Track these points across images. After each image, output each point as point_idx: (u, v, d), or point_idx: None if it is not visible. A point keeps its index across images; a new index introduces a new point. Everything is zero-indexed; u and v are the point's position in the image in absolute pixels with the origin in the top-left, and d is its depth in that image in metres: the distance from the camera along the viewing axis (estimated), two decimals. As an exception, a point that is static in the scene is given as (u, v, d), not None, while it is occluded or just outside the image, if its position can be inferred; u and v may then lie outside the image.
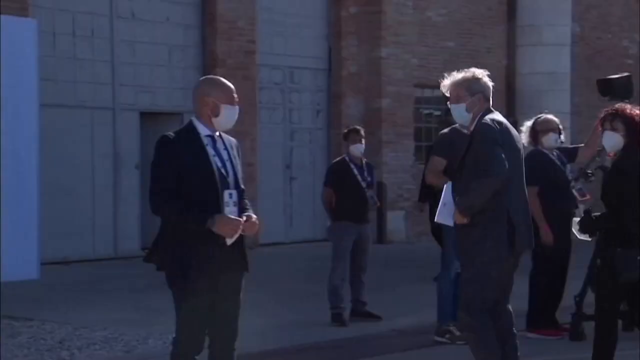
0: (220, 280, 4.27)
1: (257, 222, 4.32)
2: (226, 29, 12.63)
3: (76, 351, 6.51)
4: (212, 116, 4.34)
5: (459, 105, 4.99)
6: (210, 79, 4.58)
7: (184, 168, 4.21)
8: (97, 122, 11.80)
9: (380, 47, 14.05)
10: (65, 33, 11.40)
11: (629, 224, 4.98)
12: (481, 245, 4.82)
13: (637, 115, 5.13)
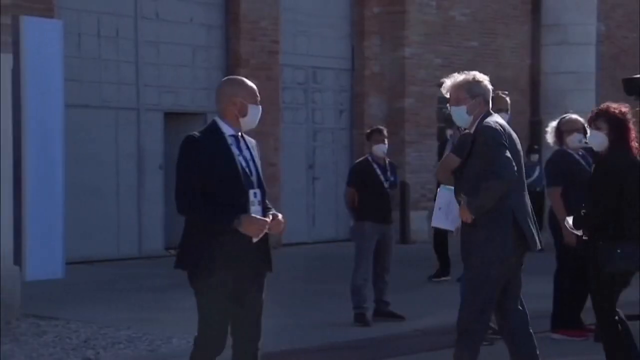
0: (245, 279, 4.32)
1: (283, 221, 4.37)
2: (249, 29, 12.67)
3: (101, 350, 6.56)
4: (239, 116, 4.40)
5: (459, 107, 4.99)
6: (235, 79, 4.63)
7: (210, 168, 4.25)
8: (121, 122, 11.88)
9: (404, 47, 14.03)
10: (90, 34, 11.49)
11: (611, 218, 5.12)
12: (484, 246, 4.84)
13: (621, 112, 5.23)
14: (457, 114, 5.00)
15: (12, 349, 6.54)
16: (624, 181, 5.16)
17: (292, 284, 9.41)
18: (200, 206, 4.24)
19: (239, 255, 4.26)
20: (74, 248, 10.50)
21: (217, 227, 4.23)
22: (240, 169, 4.32)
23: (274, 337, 7.02)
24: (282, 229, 4.36)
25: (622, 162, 5.20)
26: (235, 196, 4.27)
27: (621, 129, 5.21)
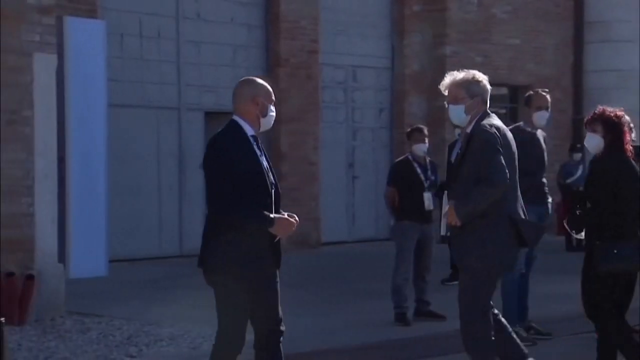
0: (268, 274, 4.45)
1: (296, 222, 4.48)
2: (289, 29, 12.71)
3: (144, 347, 6.64)
4: (260, 116, 4.50)
5: (457, 106, 4.96)
6: (254, 80, 4.65)
7: (239, 169, 4.34)
8: (162, 121, 11.99)
9: (444, 45, 13.96)
10: (133, 34, 11.62)
11: (607, 218, 5.27)
12: (483, 248, 4.81)
13: (616, 116, 5.42)
14: (455, 113, 4.97)
15: (57, 345, 6.65)
16: (619, 182, 5.29)
17: (332, 283, 9.43)
18: (238, 207, 4.31)
19: (267, 252, 4.39)
20: (117, 246, 10.63)
21: (247, 227, 4.33)
22: (264, 169, 4.43)
23: (314, 336, 7.05)
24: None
25: (617, 164, 5.33)
26: (263, 196, 4.38)
27: (617, 131, 5.37)
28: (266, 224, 4.32)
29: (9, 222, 7.51)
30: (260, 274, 4.41)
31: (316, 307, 8.33)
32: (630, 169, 5.37)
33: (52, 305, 7.64)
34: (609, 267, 5.25)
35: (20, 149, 7.62)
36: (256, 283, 4.40)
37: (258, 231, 4.34)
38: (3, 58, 7.50)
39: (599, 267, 5.26)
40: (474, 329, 4.89)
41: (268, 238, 4.38)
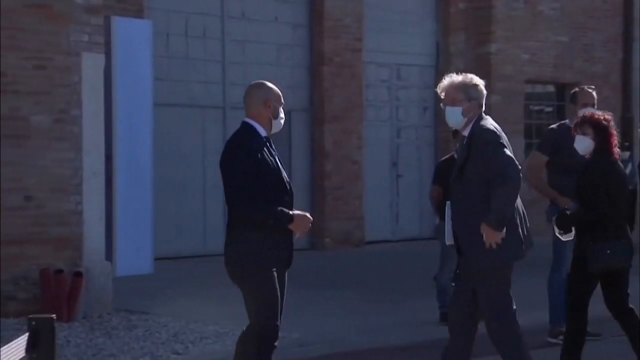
0: (281, 269, 4.71)
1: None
2: (333, 27, 12.72)
3: (190, 345, 6.70)
4: (272, 118, 4.73)
5: (455, 107, 4.94)
6: (265, 83, 4.86)
7: (258, 167, 4.56)
8: (208, 120, 12.09)
9: (490, 43, 13.85)
10: (178, 33, 11.73)
11: (599, 219, 5.52)
12: (499, 250, 4.79)
13: (605, 119, 5.66)
14: (452, 114, 4.95)
15: (105, 342, 6.74)
16: (608, 184, 5.55)
17: (376, 282, 9.42)
18: (259, 205, 4.53)
19: (287, 247, 4.66)
20: (162, 244, 10.74)
21: (268, 224, 4.54)
22: (280, 168, 4.67)
23: (358, 335, 7.05)
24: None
25: (607, 166, 5.59)
26: (281, 194, 4.61)
27: (605, 134, 5.61)
28: (286, 220, 4.54)
29: (57, 220, 7.64)
30: (273, 270, 4.60)
31: (360, 307, 8.33)
32: (618, 171, 5.64)
33: (99, 303, 7.74)
34: (602, 265, 5.51)
35: (69, 148, 7.74)
36: (268, 278, 4.58)
37: (277, 228, 4.55)
38: (52, 58, 7.62)
39: (592, 266, 5.51)
40: (509, 330, 4.89)
41: (286, 235, 4.61)
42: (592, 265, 5.53)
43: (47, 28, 7.57)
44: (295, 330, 7.11)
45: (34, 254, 7.50)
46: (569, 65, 14.57)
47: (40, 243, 7.52)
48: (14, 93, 7.45)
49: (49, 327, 3.02)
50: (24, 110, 7.51)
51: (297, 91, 12.85)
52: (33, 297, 7.42)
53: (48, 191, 7.60)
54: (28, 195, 7.51)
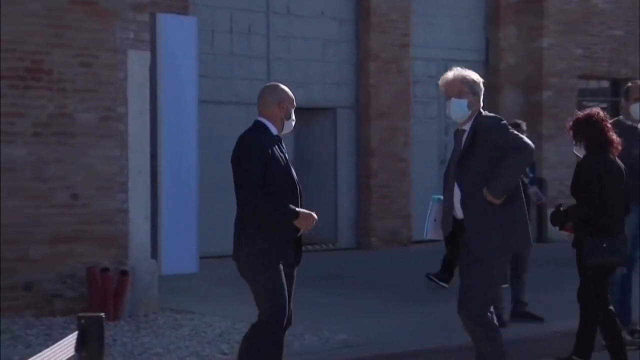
0: (289, 262, 4.97)
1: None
2: (380, 22, 12.69)
3: (236, 344, 6.72)
4: (285, 119, 5.00)
5: (461, 100, 5.03)
6: (278, 85, 5.14)
7: (269, 165, 4.80)
8: (252, 117, 12.04)
9: (542, 37, 13.70)
10: (223, 30, 11.80)
11: (596, 215, 5.76)
12: (501, 239, 4.87)
13: (596, 115, 5.93)
14: (458, 106, 5.02)
15: (151, 341, 6.82)
16: (604, 180, 5.78)
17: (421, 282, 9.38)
18: (268, 201, 4.78)
19: (291, 246, 4.93)
20: (207, 243, 10.82)
21: (276, 219, 4.81)
22: (290, 167, 4.92)
23: (406, 336, 7.03)
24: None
25: (602, 163, 5.82)
26: (290, 193, 4.86)
27: (595, 129, 5.89)
28: (292, 216, 4.81)
29: (103, 218, 7.74)
30: (280, 265, 4.85)
31: (407, 307, 8.31)
32: (614, 168, 5.85)
33: (145, 301, 7.83)
34: (598, 260, 5.78)
35: (115, 146, 7.84)
36: (277, 272, 4.83)
37: (285, 224, 4.81)
38: (98, 55, 7.73)
39: (588, 259, 5.78)
40: (484, 320, 4.96)
41: (293, 232, 4.86)
42: (588, 258, 5.77)
43: (94, 25, 7.67)
44: (342, 331, 7.12)
45: (81, 252, 7.62)
46: (624, 60, 14.35)
47: (87, 241, 7.64)
48: (60, 91, 7.57)
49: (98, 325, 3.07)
50: (70, 108, 7.63)
51: (343, 88, 12.85)
52: (80, 296, 7.54)
53: (94, 189, 7.71)
54: (74, 194, 7.63)
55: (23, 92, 7.42)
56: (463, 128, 5.02)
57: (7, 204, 7.31)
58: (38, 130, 7.48)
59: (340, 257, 11.93)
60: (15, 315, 7.25)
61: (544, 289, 8.78)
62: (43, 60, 7.48)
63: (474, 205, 4.87)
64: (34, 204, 7.44)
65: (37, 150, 7.46)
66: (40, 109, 7.49)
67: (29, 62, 7.43)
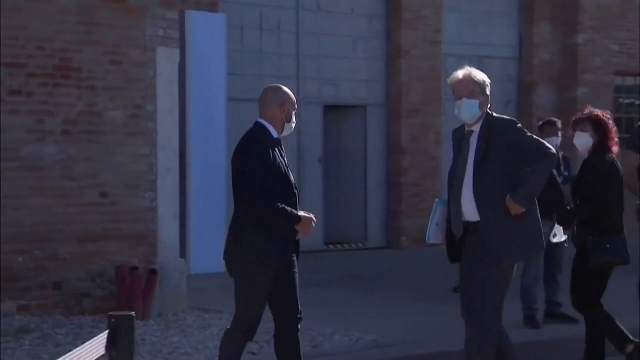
0: (287, 264, 4.96)
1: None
2: (411, 19, 12.66)
3: (265, 345, 6.76)
4: (285, 121, 5.01)
5: (473, 100, 4.94)
6: (280, 87, 5.15)
7: (269, 167, 4.84)
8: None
9: (577, 33, 13.59)
10: (252, 27, 11.84)
11: (598, 215, 5.85)
12: (515, 245, 4.83)
13: (604, 117, 5.99)
14: (470, 106, 4.94)
15: (180, 340, 6.86)
16: (606, 181, 5.87)
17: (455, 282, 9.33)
18: (270, 203, 4.81)
19: (287, 247, 4.91)
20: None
21: (276, 222, 4.81)
22: (288, 170, 4.97)
23: (436, 337, 7.01)
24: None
25: (606, 162, 5.91)
26: (289, 194, 4.90)
27: (604, 131, 5.95)
28: (294, 220, 4.84)
29: (132, 216, 7.80)
30: (271, 269, 4.86)
31: (438, 307, 8.28)
32: (615, 169, 5.95)
33: (174, 300, 7.88)
34: (601, 260, 5.84)
35: (143, 144, 7.89)
36: (265, 278, 4.86)
37: (283, 227, 4.84)
38: (127, 53, 7.78)
39: (592, 260, 5.83)
40: (493, 328, 4.87)
41: (290, 235, 4.89)
42: (594, 259, 5.82)
43: (123, 22, 7.73)
44: (372, 331, 7.12)
45: (110, 250, 7.68)
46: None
47: (116, 240, 7.69)
48: (89, 88, 7.64)
49: (128, 324, 3.09)
50: (100, 106, 7.69)
51: (373, 85, 12.84)
52: (108, 294, 7.60)
53: (123, 187, 7.77)
54: (103, 192, 7.69)
55: (52, 89, 7.49)
56: (472, 129, 4.94)
57: (37, 202, 7.39)
58: (67, 128, 7.55)
59: (370, 256, 11.91)
60: (44, 314, 7.33)
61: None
62: (72, 57, 7.54)
63: (493, 209, 4.81)
64: (64, 202, 7.51)
65: (66, 149, 7.53)
66: (70, 106, 7.56)
67: (58, 60, 7.50)
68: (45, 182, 7.45)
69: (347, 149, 12.95)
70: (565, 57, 13.70)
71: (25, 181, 7.36)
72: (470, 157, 4.89)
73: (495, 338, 4.92)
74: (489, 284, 4.85)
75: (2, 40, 7.25)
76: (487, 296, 4.85)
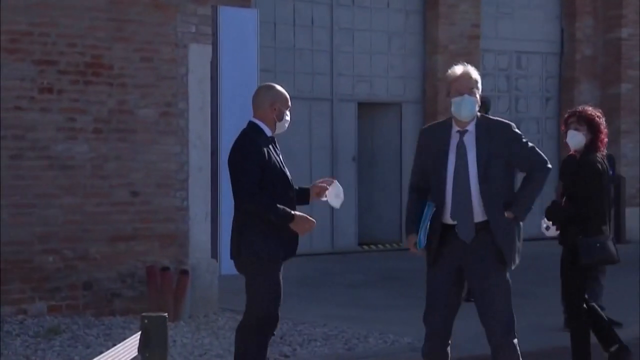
0: (292, 255, 5.20)
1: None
2: (448, 13, 12.62)
3: (297, 347, 6.79)
4: (277, 120, 5.16)
5: (472, 98, 4.93)
6: (274, 86, 5.29)
7: (266, 165, 5.02)
8: (315, 113, 12.18)
9: (620, 27, 13.46)
10: (286, 23, 11.87)
11: (588, 214, 5.95)
12: (516, 250, 4.86)
13: (597, 115, 6.06)
14: (471, 104, 4.92)
15: (211, 342, 6.91)
16: (602, 179, 5.99)
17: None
18: (268, 203, 4.99)
19: (290, 244, 5.13)
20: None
21: (271, 220, 4.99)
22: (284, 167, 5.14)
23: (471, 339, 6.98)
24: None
25: (599, 162, 6.02)
26: (286, 191, 5.09)
27: (597, 130, 6.03)
28: (287, 219, 5.00)
29: (163, 216, 7.85)
30: (279, 263, 5.11)
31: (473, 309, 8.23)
32: (605, 168, 6.08)
33: (205, 302, 7.92)
34: (592, 259, 5.95)
35: (175, 142, 7.94)
36: (275, 270, 5.09)
37: (281, 225, 5.02)
38: (159, 50, 7.84)
39: (583, 259, 5.93)
40: (513, 337, 4.93)
41: (292, 233, 5.07)
42: (585, 258, 5.92)
43: (154, 19, 7.79)
44: (407, 333, 7.11)
45: (140, 250, 7.74)
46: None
47: (146, 239, 7.75)
48: (121, 86, 7.71)
49: (161, 325, 3.12)
50: (131, 104, 7.75)
51: (409, 82, 12.81)
52: (139, 295, 7.66)
53: (154, 186, 7.82)
54: (134, 191, 7.75)
55: (83, 87, 7.57)
56: (466, 129, 4.91)
57: (67, 201, 7.47)
58: (98, 126, 7.62)
59: (405, 257, 11.88)
60: (74, 315, 7.41)
61: (621, 293, 8.63)
62: (103, 55, 7.61)
63: (501, 210, 4.83)
64: (94, 201, 7.58)
65: (97, 147, 7.60)
66: (101, 104, 7.64)
67: (89, 57, 7.57)
68: (76, 181, 7.53)
69: (382, 148, 12.94)
70: (608, 52, 13.58)
71: (56, 180, 7.44)
72: (471, 157, 4.83)
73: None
74: (504, 285, 4.90)
75: (33, 37, 7.35)
76: (507, 296, 4.90)
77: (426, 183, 4.97)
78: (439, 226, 4.86)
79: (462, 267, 4.89)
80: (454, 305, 4.92)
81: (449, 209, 4.84)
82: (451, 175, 4.84)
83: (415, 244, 4.92)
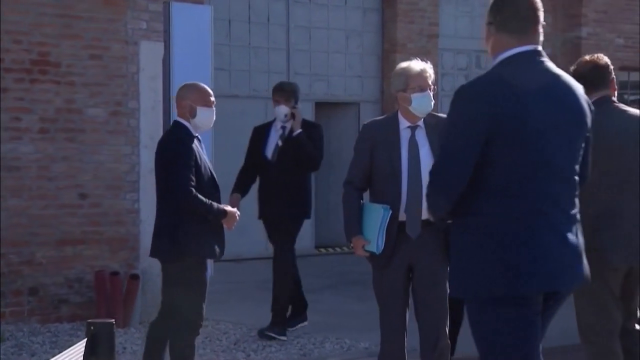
0: (221, 252, 5.41)
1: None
2: (407, 11, 12.69)
3: (252, 353, 6.78)
4: (190, 117, 5.30)
5: (429, 92, 5.03)
6: (189, 84, 5.45)
7: (194, 164, 5.20)
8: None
9: (580, 26, 13.64)
10: (241, 20, 11.85)
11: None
12: None
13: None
14: (428, 100, 5.00)
15: (162, 348, 6.86)
16: None
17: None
18: (203, 201, 5.19)
19: (218, 240, 5.34)
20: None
21: (208, 218, 5.22)
22: (209, 166, 5.35)
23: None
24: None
25: None
26: (213, 190, 5.32)
27: None
28: (221, 215, 5.27)
29: (113, 218, 7.80)
30: (206, 261, 5.34)
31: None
32: None
33: (156, 307, 7.84)
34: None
35: (125, 142, 7.90)
36: (202, 269, 5.30)
37: (212, 222, 5.24)
38: (108, 47, 7.78)
39: None
40: None
41: (219, 229, 5.31)
42: None
43: (104, 15, 7.73)
44: (364, 339, 7.14)
45: (89, 255, 7.68)
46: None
47: (95, 243, 7.70)
48: (68, 84, 7.64)
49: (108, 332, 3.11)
50: (79, 103, 7.69)
51: (367, 81, 12.87)
52: (87, 301, 7.60)
53: (103, 188, 7.77)
54: (83, 193, 7.69)
55: (29, 85, 7.50)
56: (417, 124, 4.97)
57: (11, 204, 7.39)
58: (45, 126, 7.55)
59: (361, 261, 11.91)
60: (19, 322, 7.33)
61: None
62: (50, 52, 7.54)
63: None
64: (40, 204, 7.51)
65: (43, 147, 7.53)
66: (47, 103, 7.56)
67: (35, 54, 7.50)
68: (22, 183, 7.45)
69: (339, 149, 12.98)
70: (567, 52, 13.75)
71: (1, 182, 7.35)
72: (423, 152, 4.88)
73: None
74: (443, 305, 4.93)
75: (-24, 33, 7.26)
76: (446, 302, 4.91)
77: (363, 182, 5.02)
78: (394, 228, 4.86)
79: (412, 265, 4.91)
80: (407, 304, 4.95)
81: (404, 205, 4.85)
82: (405, 172, 4.86)
83: (363, 246, 4.89)
